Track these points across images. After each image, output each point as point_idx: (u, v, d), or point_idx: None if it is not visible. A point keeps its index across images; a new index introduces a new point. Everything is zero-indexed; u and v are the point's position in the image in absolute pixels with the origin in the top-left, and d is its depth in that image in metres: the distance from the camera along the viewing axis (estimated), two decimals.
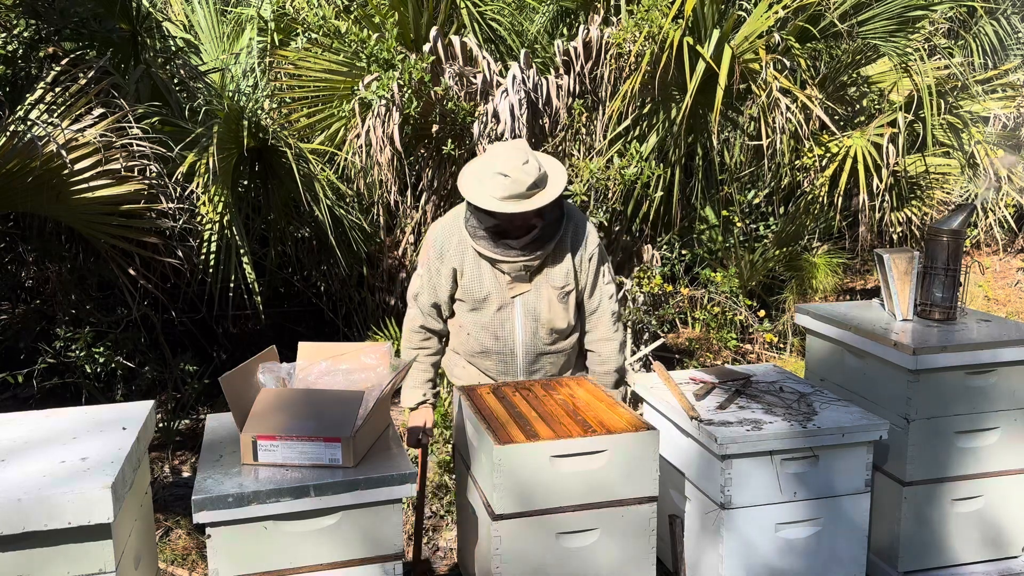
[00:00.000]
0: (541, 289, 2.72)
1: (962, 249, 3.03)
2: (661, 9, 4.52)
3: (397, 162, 4.42)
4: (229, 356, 4.82)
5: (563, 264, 2.72)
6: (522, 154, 2.58)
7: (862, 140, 5.20)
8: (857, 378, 3.00)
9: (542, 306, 2.72)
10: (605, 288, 2.81)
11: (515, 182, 2.53)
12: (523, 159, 2.56)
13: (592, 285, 2.78)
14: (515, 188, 2.53)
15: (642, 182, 4.72)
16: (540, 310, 2.73)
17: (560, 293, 2.73)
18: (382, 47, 4.47)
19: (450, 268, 2.74)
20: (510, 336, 2.75)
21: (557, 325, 2.75)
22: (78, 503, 1.73)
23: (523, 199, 2.55)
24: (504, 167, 2.55)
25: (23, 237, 4.53)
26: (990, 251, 7.61)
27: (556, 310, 2.73)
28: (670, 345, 5.50)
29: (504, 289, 2.71)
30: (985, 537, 2.93)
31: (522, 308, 2.72)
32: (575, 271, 2.74)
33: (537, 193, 2.57)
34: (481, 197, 2.57)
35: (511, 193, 2.54)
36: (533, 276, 2.71)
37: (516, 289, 2.71)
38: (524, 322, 2.73)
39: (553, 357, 2.81)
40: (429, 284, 2.79)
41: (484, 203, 2.56)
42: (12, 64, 4.47)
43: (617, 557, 2.30)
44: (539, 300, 2.72)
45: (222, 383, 2.05)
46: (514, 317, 2.73)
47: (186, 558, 3.39)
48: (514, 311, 2.72)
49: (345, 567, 2.05)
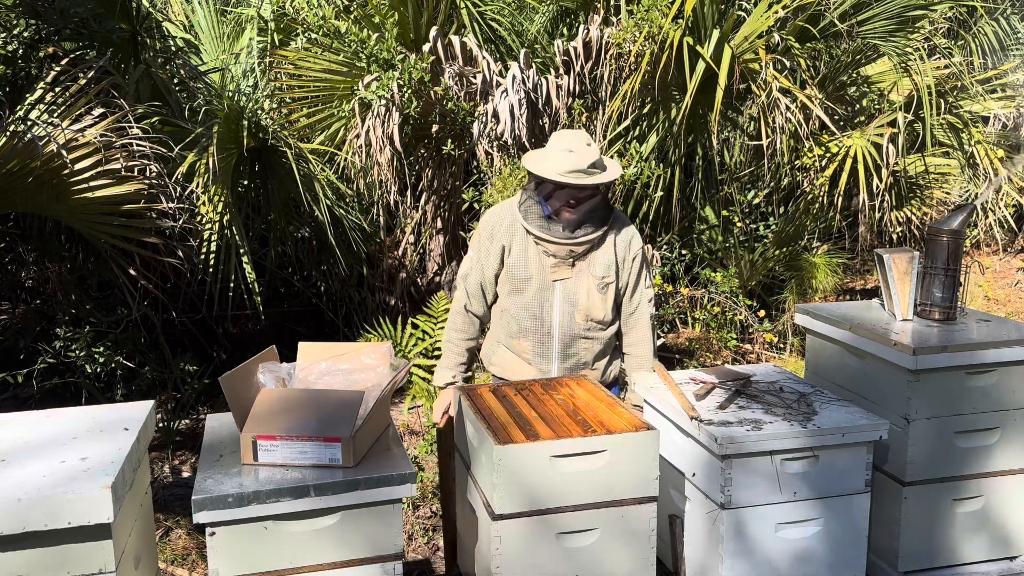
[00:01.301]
0: (582, 277, 2.85)
1: (962, 249, 3.02)
2: (661, 9, 4.52)
3: (397, 162, 4.42)
4: (229, 356, 4.82)
5: (606, 257, 2.86)
6: (582, 137, 2.82)
7: (862, 140, 5.20)
8: (857, 378, 3.00)
9: (581, 293, 2.85)
10: (645, 292, 2.94)
11: (580, 158, 2.74)
12: (587, 141, 2.80)
13: (633, 287, 2.92)
14: (579, 163, 2.73)
15: (642, 182, 4.72)
16: (579, 296, 2.85)
17: (600, 283, 2.85)
18: (382, 47, 4.47)
19: (499, 246, 2.89)
20: (548, 317, 2.87)
21: (594, 314, 2.86)
22: (78, 503, 1.73)
23: (585, 175, 2.74)
24: (570, 145, 2.78)
25: (23, 237, 4.53)
26: (990, 251, 7.61)
27: (594, 299, 2.86)
28: (670, 345, 5.50)
29: (547, 272, 2.85)
30: (985, 537, 2.93)
31: (562, 292, 2.86)
32: (617, 266, 2.87)
33: (597, 173, 2.77)
34: (547, 170, 2.76)
35: (575, 167, 2.73)
36: (576, 263, 2.85)
37: (558, 273, 2.85)
38: (562, 306, 2.86)
39: (588, 343, 2.90)
40: (478, 264, 2.95)
41: (549, 174, 2.74)
42: (12, 64, 4.47)
43: (617, 557, 2.29)
44: (579, 287, 2.85)
45: (222, 383, 2.05)
46: (553, 299, 2.86)
47: (186, 558, 3.39)
48: (554, 294, 2.86)
49: (345, 567, 2.05)
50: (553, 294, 2.86)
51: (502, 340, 2.98)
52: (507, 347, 2.97)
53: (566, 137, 2.84)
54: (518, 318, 2.89)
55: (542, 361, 2.91)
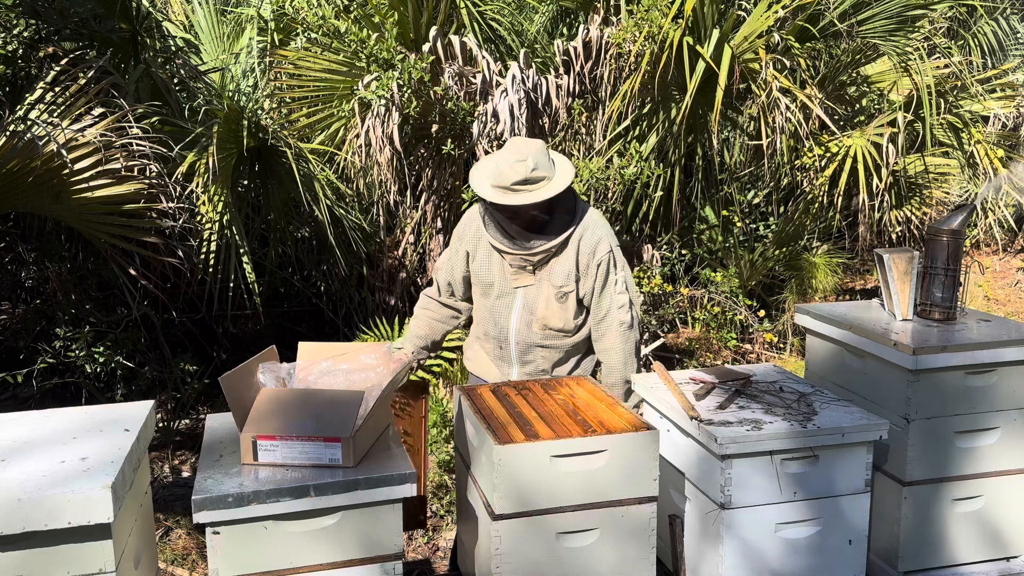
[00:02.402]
0: (542, 285, 2.80)
1: (962, 249, 3.02)
2: (661, 9, 4.52)
3: (397, 162, 4.42)
4: (229, 356, 4.82)
5: (566, 265, 2.77)
6: (523, 152, 2.68)
7: (862, 140, 5.20)
8: (857, 378, 3.00)
9: (540, 302, 2.80)
10: (616, 297, 2.81)
11: (501, 175, 2.66)
12: (521, 157, 2.66)
13: (599, 292, 2.81)
14: (501, 181, 2.66)
15: (642, 182, 4.72)
16: (537, 305, 2.80)
17: (558, 292, 2.78)
18: (382, 47, 4.47)
19: (464, 251, 2.88)
20: (506, 324, 2.84)
21: (551, 323, 2.81)
22: (78, 503, 1.73)
23: (509, 192, 2.66)
24: (501, 159, 2.70)
25: (23, 237, 4.53)
26: (990, 251, 7.61)
27: (552, 308, 2.79)
28: (670, 345, 5.50)
29: (508, 278, 2.81)
30: (985, 537, 2.93)
31: (522, 300, 2.81)
32: (578, 274, 2.78)
33: (524, 191, 2.66)
34: (477, 180, 2.75)
35: (498, 184, 2.67)
36: (537, 271, 2.79)
37: (519, 280, 2.80)
38: (520, 314, 2.81)
39: (545, 351, 2.85)
40: (448, 263, 2.95)
41: (476, 186, 2.73)
42: (12, 64, 4.47)
43: (617, 557, 2.30)
44: (539, 295, 2.80)
45: (222, 383, 2.05)
46: (513, 307, 2.82)
47: (186, 558, 3.39)
48: (514, 301, 2.82)
49: (345, 567, 2.05)
50: (513, 301, 2.82)
51: (477, 336, 2.99)
52: (480, 345, 2.98)
53: (506, 150, 2.74)
54: (483, 320, 2.91)
55: (502, 364, 2.91)
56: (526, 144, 2.75)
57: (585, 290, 2.80)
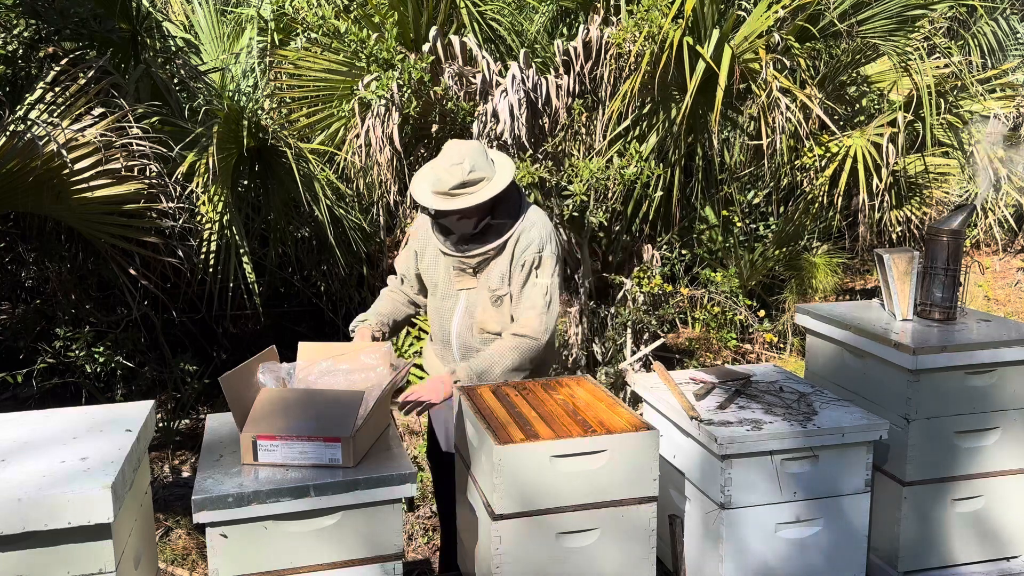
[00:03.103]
0: (481, 291, 2.77)
1: (962, 249, 3.02)
2: (661, 9, 4.52)
3: (397, 162, 4.42)
4: (229, 356, 4.82)
5: (500, 268, 2.72)
6: (459, 154, 2.63)
7: (862, 140, 5.20)
8: (857, 378, 3.00)
9: (479, 305, 2.77)
10: (535, 300, 2.69)
11: (438, 180, 2.63)
12: (458, 160, 2.62)
13: (518, 292, 2.72)
14: (438, 186, 2.63)
15: (642, 182, 4.72)
16: (476, 309, 2.78)
17: (493, 296, 2.74)
18: (382, 47, 4.47)
19: (412, 250, 2.91)
20: (448, 326, 2.83)
21: (488, 327, 2.76)
22: (78, 503, 1.73)
23: (447, 197, 2.62)
24: (437, 163, 2.67)
25: (23, 237, 4.53)
26: (990, 251, 7.61)
27: (488, 312, 2.75)
28: (670, 345, 5.50)
29: (452, 280, 2.80)
30: (985, 537, 2.93)
31: (464, 302, 2.80)
32: (510, 276, 2.72)
33: (461, 195, 2.61)
34: (417, 187, 2.72)
35: (435, 190, 2.64)
36: (478, 274, 2.76)
37: (462, 283, 2.79)
38: (462, 316, 2.80)
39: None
40: (402, 261, 2.98)
41: (417, 196, 2.70)
42: (12, 64, 4.47)
43: (617, 557, 2.29)
44: (478, 300, 2.78)
45: (222, 383, 2.05)
46: (455, 309, 2.82)
47: (186, 558, 3.39)
48: (457, 303, 2.81)
49: (345, 567, 2.05)
50: (456, 303, 2.81)
51: (430, 335, 3.01)
52: (429, 344, 3.01)
53: (443, 154, 2.67)
54: (431, 320, 2.92)
55: (446, 365, 2.87)
56: (461, 146, 2.68)
57: (512, 291, 2.72)
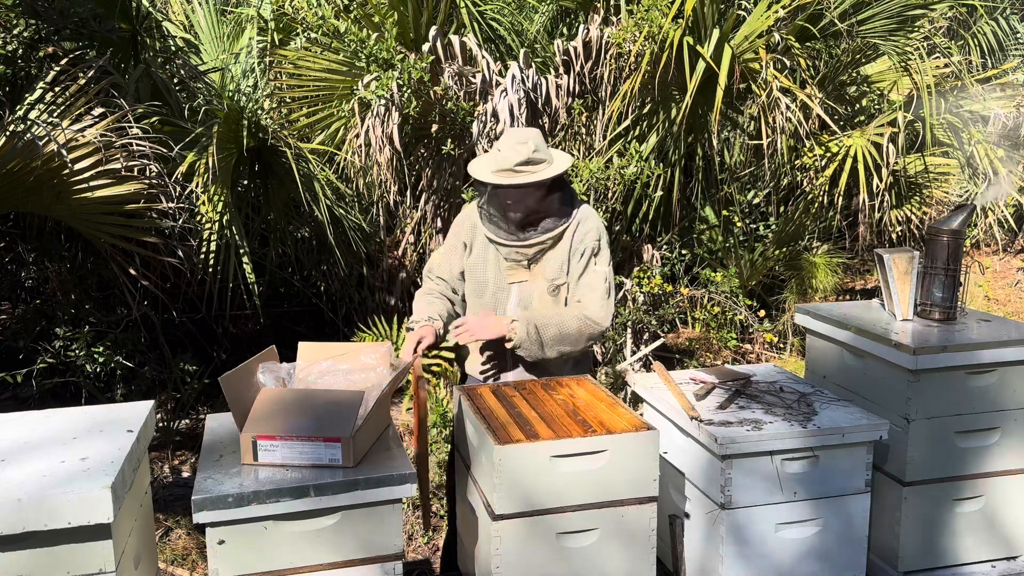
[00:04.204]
0: (536, 280, 2.77)
1: (962, 249, 3.02)
2: (661, 9, 4.52)
3: (396, 162, 4.42)
4: (229, 356, 4.82)
5: (560, 257, 2.75)
6: (523, 135, 2.71)
7: (862, 140, 5.20)
8: (857, 378, 3.00)
9: (534, 297, 2.77)
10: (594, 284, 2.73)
11: (505, 158, 2.66)
12: (523, 140, 2.69)
13: (577, 278, 2.75)
14: (504, 164, 2.66)
15: (642, 182, 4.72)
16: (532, 301, 2.77)
17: (551, 286, 2.76)
18: (381, 47, 4.47)
19: (461, 243, 2.86)
20: None
21: None
22: (78, 503, 1.73)
23: (512, 173, 2.65)
24: (501, 143, 2.72)
25: (23, 237, 4.53)
26: (990, 251, 7.61)
27: (545, 303, 2.76)
28: (670, 345, 5.50)
29: (503, 274, 2.78)
30: (985, 537, 2.93)
31: (516, 296, 2.78)
32: (569, 264, 2.76)
33: (526, 171, 2.66)
34: (476, 168, 2.75)
35: (501, 168, 2.67)
36: (532, 266, 2.77)
37: (514, 276, 2.78)
38: (515, 310, 2.77)
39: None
40: (444, 259, 2.92)
41: (477, 173, 2.73)
42: (12, 64, 4.47)
43: (617, 557, 2.29)
44: (533, 291, 2.77)
45: (222, 383, 2.05)
46: (507, 303, 2.78)
47: (186, 558, 3.39)
48: (509, 297, 2.78)
49: (345, 567, 2.05)
50: (508, 297, 2.78)
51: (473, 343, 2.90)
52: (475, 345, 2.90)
53: (506, 136, 2.76)
54: None
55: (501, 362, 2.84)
56: (525, 129, 2.80)
57: (570, 279, 2.77)
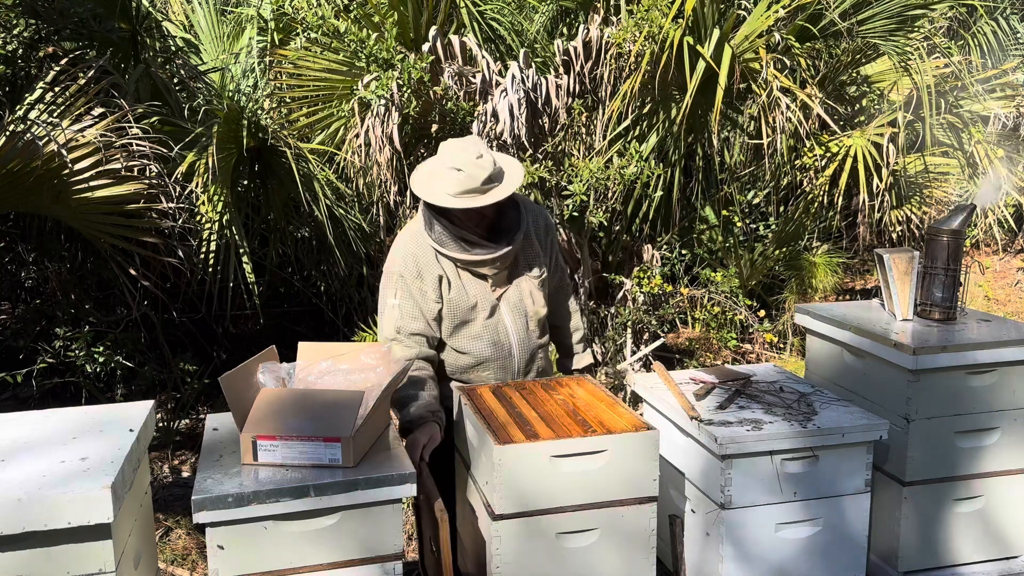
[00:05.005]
0: (521, 283, 2.69)
1: (962, 249, 3.02)
2: (661, 9, 4.52)
3: (396, 162, 4.42)
4: (229, 356, 4.82)
5: (534, 252, 2.71)
6: (475, 148, 2.51)
7: (862, 140, 5.20)
8: (857, 378, 3.00)
9: (526, 300, 2.69)
10: (562, 263, 2.89)
11: (469, 176, 2.46)
12: (477, 153, 2.49)
13: (555, 264, 2.82)
14: (469, 183, 2.47)
15: (642, 182, 4.72)
16: (525, 304, 2.69)
17: (538, 282, 2.71)
18: (381, 47, 4.47)
19: (435, 279, 2.59)
20: (505, 340, 2.69)
21: (542, 314, 2.73)
22: (78, 503, 1.73)
23: (478, 194, 2.48)
24: (457, 162, 2.48)
25: (23, 237, 4.53)
26: (990, 251, 7.61)
27: (538, 299, 2.71)
28: (670, 345, 5.50)
29: (489, 292, 2.65)
30: (985, 537, 2.93)
31: (507, 308, 2.68)
32: (543, 257, 2.73)
33: (493, 188, 2.50)
34: (434, 194, 2.51)
35: (465, 188, 2.47)
36: (511, 272, 2.68)
37: (498, 288, 2.67)
38: (514, 321, 2.69)
39: (542, 352, 2.79)
40: (413, 311, 2.60)
41: (437, 199, 2.49)
42: (12, 64, 4.47)
43: (617, 557, 2.29)
44: (521, 294, 2.69)
45: (222, 383, 2.05)
46: (504, 319, 2.68)
47: (186, 558, 3.39)
48: (501, 312, 2.67)
49: (345, 567, 2.05)
50: (501, 312, 2.66)
51: (453, 376, 2.73)
52: (460, 381, 2.72)
53: (454, 152, 2.51)
54: (471, 351, 2.67)
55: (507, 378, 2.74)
56: (469, 142, 2.56)
57: (549, 267, 2.78)
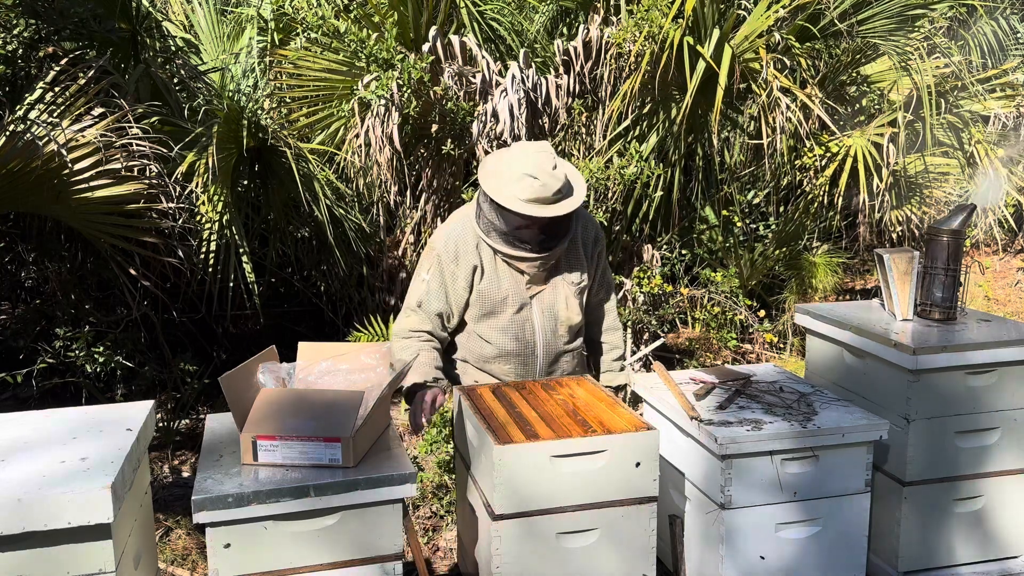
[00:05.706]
0: (558, 287, 2.70)
1: (962, 249, 3.02)
2: (661, 9, 4.52)
3: (396, 162, 4.42)
4: (229, 356, 4.81)
5: (578, 260, 2.73)
6: (550, 158, 2.55)
7: (862, 140, 5.20)
8: (857, 378, 3.00)
9: (560, 304, 2.71)
10: (610, 278, 2.94)
11: (544, 186, 2.49)
12: (552, 163, 2.52)
13: (600, 277, 2.85)
14: (543, 192, 2.49)
15: (642, 182, 4.72)
16: (558, 308, 2.71)
17: (576, 289, 2.73)
18: (381, 47, 4.47)
19: (470, 267, 2.64)
20: (531, 337, 2.70)
21: (574, 321, 2.74)
22: (78, 503, 1.73)
23: (549, 204, 2.51)
24: (533, 169, 2.50)
25: (23, 237, 4.53)
26: (990, 251, 7.61)
27: (572, 306, 2.73)
28: (670, 345, 5.50)
29: (522, 289, 2.67)
30: (985, 537, 2.93)
31: (539, 307, 2.70)
32: (587, 265, 2.75)
33: (563, 200, 2.54)
34: (507, 197, 2.52)
35: (538, 197, 2.49)
36: (549, 274, 2.70)
37: (534, 288, 2.69)
38: (542, 322, 2.70)
39: (569, 356, 2.79)
40: (439, 291, 2.67)
41: (510, 204, 2.51)
42: (12, 64, 4.47)
43: (617, 557, 2.30)
44: (556, 298, 2.70)
45: (222, 383, 2.05)
46: (533, 317, 2.69)
47: (186, 558, 3.39)
48: (532, 311, 2.69)
49: (345, 567, 2.05)
50: (531, 311, 2.68)
51: (473, 363, 2.78)
52: (480, 369, 2.78)
53: (531, 158, 2.53)
54: (498, 343, 2.70)
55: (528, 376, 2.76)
56: (543, 149, 2.59)
57: (593, 278, 2.81)
